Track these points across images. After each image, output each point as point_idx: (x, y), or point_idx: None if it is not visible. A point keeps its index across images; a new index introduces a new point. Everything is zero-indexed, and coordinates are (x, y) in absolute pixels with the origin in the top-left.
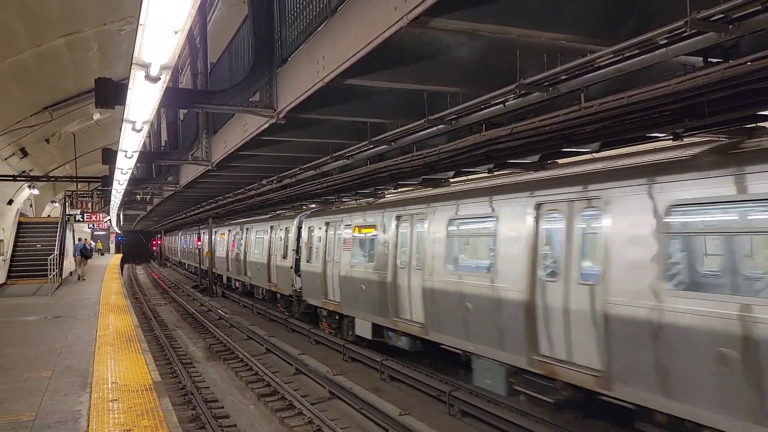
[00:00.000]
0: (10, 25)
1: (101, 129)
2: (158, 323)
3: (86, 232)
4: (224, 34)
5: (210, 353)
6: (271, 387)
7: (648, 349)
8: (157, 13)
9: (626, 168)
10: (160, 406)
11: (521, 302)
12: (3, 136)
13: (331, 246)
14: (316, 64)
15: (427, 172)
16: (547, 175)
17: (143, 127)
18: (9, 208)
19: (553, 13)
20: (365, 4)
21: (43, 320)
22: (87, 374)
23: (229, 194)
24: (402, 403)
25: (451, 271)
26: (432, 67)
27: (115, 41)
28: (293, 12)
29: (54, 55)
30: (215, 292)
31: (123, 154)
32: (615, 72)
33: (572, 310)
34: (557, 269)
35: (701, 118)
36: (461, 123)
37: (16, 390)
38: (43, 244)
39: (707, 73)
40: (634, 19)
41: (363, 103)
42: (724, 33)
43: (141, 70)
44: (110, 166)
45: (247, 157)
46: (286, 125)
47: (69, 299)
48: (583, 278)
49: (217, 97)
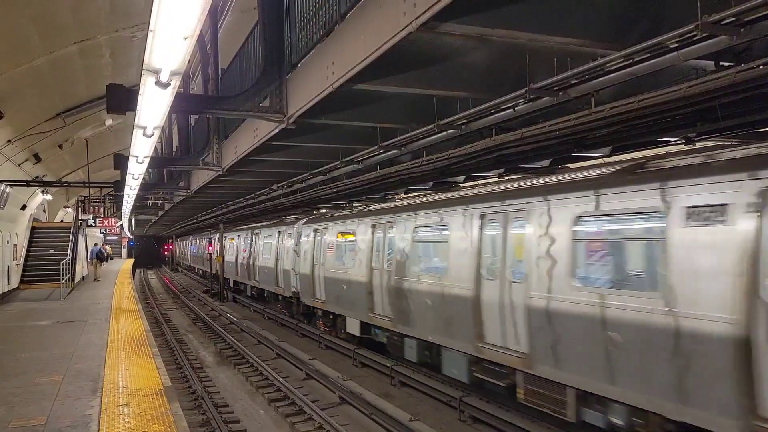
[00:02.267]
0: (24, 33)
1: (113, 135)
2: (169, 328)
3: (99, 237)
4: (235, 40)
5: (220, 358)
6: (281, 392)
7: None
8: (167, 20)
9: (533, 187)
10: (171, 410)
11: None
12: (17, 142)
13: (318, 250)
14: (325, 70)
15: (437, 176)
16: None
17: (154, 132)
18: (22, 214)
19: (563, 18)
20: (374, 9)
21: (55, 324)
22: (98, 379)
23: (240, 199)
24: (412, 408)
25: (415, 272)
26: (441, 71)
27: (127, 47)
28: (303, 18)
29: (67, 61)
30: (226, 296)
31: (134, 159)
32: (625, 76)
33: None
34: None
35: (713, 122)
36: (471, 128)
37: (28, 394)
38: (55, 249)
39: (719, 76)
40: (645, 23)
41: (373, 108)
42: (736, 36)
43: (151, 76)
44: (122, 171)
45: (257, 162)
46: (296, 130)
47: (81, 304)
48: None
49: (228, 102)
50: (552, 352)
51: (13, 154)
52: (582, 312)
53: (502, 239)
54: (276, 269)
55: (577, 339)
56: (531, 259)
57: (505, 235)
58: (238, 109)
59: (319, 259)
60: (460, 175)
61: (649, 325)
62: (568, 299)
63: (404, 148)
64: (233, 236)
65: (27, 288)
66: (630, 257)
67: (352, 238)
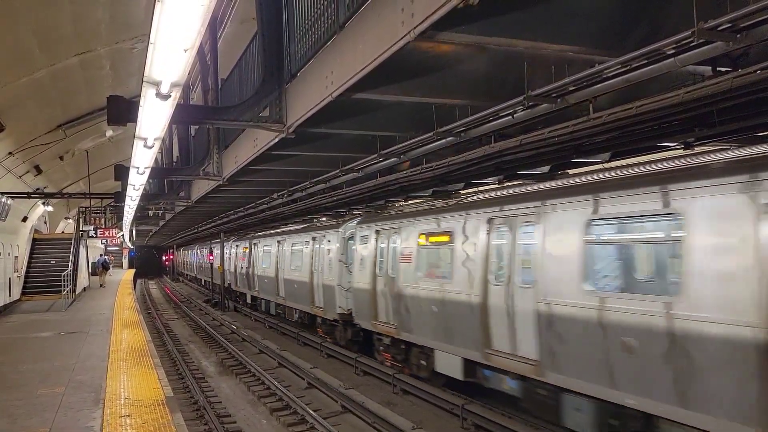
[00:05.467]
0: (26, 45)
1: (114, 146)
2: (171, 338)
3: (100, 247)
4: (234, 51)
5: (222, 368)
6: (283, 401)
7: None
8: (168, 33)
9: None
10: (173, 421)
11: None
12: (18, 154)
13: (386, 257)
14: (324, 79)
15: (436, 184)
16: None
17: (155, 143)
18: (24, 225)
19: (560, 26)
20: (373, 19)
21: (56, 336)
22: (100, 390)
23: (240, 209)
24: (415, 416)
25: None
26: (440, 80)
27: (127, 59)
28: (302, 28)
29: (68, 73)
30: (227, 306)
31: (135, 170)
32: (623, 82)
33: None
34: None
35: (711, 127)
36: (470, 135)
37: (30, 406)
38: (57, 260)
39: (716, 82)
40: (641, 30)
41: (372, 117)
42: (732, 42)
43: (152, 88)
44: (123, 182)
45: (257, 171)
46: (296, 140)
47: (82, 315)
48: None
49: (228, 112)
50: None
51: (15, 166)
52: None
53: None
54: (311, 284)
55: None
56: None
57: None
58: (238, 119)
59: (390, 269)
60: (459, 182)
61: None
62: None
63: (404, 156)
64: (245, 245)
65: (28, 299)
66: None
67: (447, 241)
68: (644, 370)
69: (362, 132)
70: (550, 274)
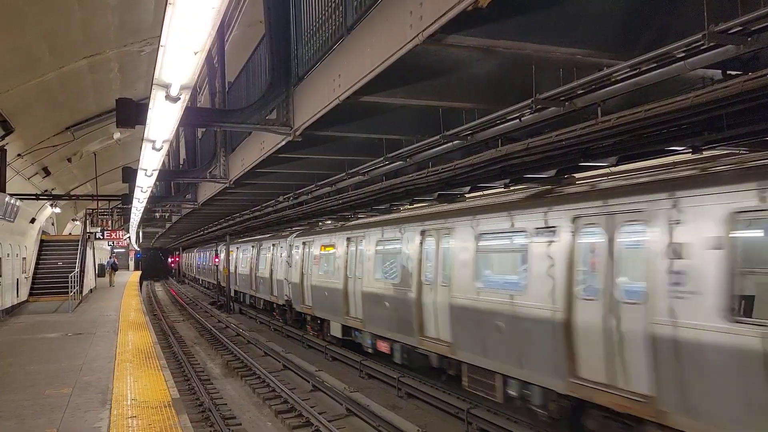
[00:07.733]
0: (35, 49)
1: (121, 148)
2: (176, 340)
3: (106, 249)
4: (242, 54)
5: (228, 370)
6: (288, 404)
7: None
8: (178, 35)
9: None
10: (179, 422)
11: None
12: (26, 156)
13: (306, 261)
14: (332, 82)
15: (442, 187)
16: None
17: (163, 146)
18: (32, 227)
19: (568, 29)
20: (380, 22)
21: (63, 337)
22: (107, 391)
23: (246, 211)
24: (420, 420)
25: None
26: (447, 83)
27: (136, 62)
28: (309, 31)
29: (76, 76)
30: (232, 308)
31: (143, 172)
32: (632, 86)
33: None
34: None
35: (721, 131)
36: (477, 138)
37: (38, 407)
38: (64, 262)
39: (726, 85)
40: (651, 33)
41: (379, 120)
42: (743, 45)
43: (161, 90)
44: (130, 184)
45: (264, 174)
46: (303, 143)
47: (89, 316)
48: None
49: (235, 115)
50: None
51: (23, 167)
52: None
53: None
54: (271, 279)
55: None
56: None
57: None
58: (246, 122)
59: (308, 268)
60: (465, 185)
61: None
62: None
63: (410, 159)
64: (232, 249)
65: (36, 300)
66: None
67: (333, 250)
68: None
69: (369, 135)
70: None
